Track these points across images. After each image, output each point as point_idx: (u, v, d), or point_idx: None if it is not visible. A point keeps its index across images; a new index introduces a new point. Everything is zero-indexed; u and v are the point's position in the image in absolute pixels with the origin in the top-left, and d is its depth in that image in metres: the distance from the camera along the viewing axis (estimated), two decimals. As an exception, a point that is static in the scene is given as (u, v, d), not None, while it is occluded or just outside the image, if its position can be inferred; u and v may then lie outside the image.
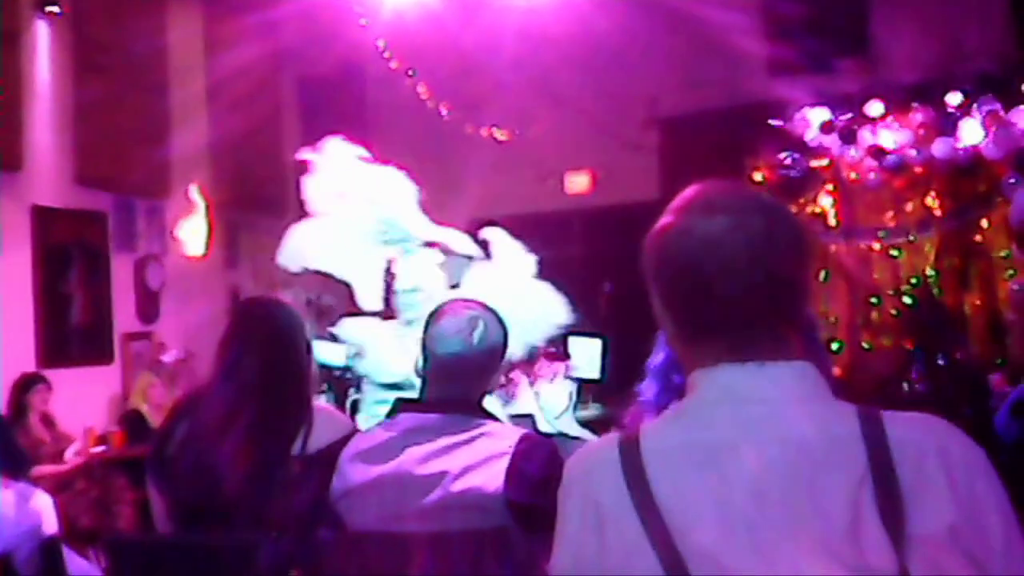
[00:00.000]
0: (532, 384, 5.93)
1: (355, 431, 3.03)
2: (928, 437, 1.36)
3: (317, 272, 5.02)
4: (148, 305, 9.06)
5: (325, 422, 3.08)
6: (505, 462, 2.52)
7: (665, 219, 1.48)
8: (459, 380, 2.68)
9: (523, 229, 5.64)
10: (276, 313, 3.27)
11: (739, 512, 1.31)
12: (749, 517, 1.30)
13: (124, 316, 8.81)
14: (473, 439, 2.58)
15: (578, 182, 11.05)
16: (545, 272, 5.17)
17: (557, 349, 6.12)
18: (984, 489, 1.33)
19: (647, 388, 2.70)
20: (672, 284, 1.47)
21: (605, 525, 1.38)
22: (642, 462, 1.38)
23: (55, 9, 8.03)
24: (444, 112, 9.75)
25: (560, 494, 1.48)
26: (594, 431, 5.82)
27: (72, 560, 4.12)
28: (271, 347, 3.15)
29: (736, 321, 1.42)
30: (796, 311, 1.46)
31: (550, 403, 5.99)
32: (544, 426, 5.73)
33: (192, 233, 9.16)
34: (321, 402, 3.42)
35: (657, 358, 2.70)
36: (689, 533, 1.31)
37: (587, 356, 5.73)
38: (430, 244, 5.00)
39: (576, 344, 5.79)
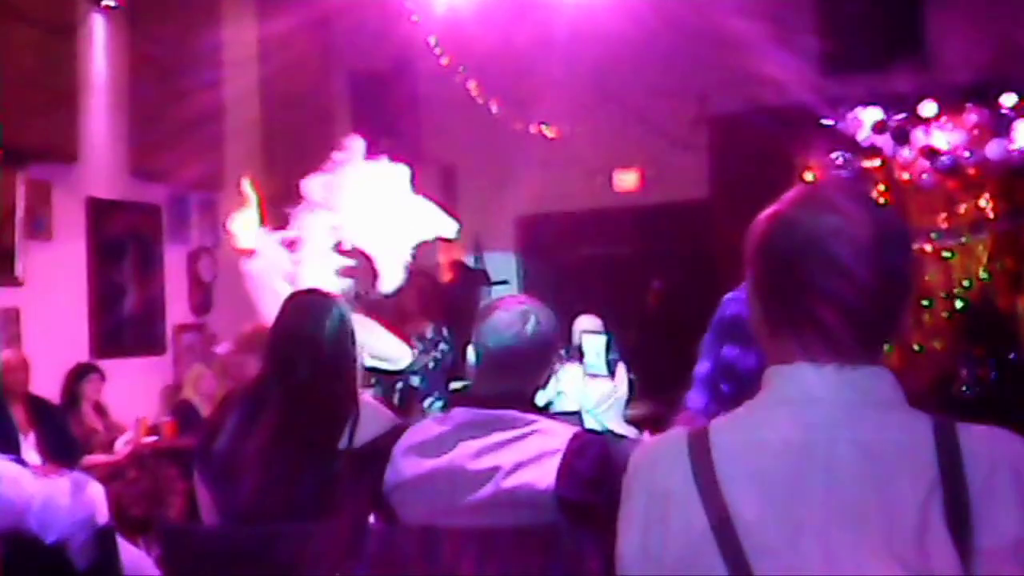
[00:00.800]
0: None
1: (399, 424, 3.06)
2: (1001, 450, 1.35)
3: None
4: (200, 297, 9.15)
5: (370, 416, 3.10)
6: (557, 459, 2.52)
7: (774, 207, 1.47)
8: (511, 374, 2.68)
9: (572, 226, 5.66)
10: (324, 308, 3.29)
11: (805, 511, 1.31)
12: (815, 516, 1.31)
13: (177, 308, 8.90)
14: (526, 435, 2.58)
15: (627, 180, 11.02)
16: (594, 268, 5.20)
17: (569, 349, 6.12)
18: None
19: (695, 399, 2.67)
20: (768, 273, 1.47)
21: (670, 514, 1.39)
22: (711, 456, 1.39)
23: (111, 3, 8.12)
24: (494, 109, 9.76)
25: (626, 483, 1.48)
26: (640, 429, 5.82)
27: (125, 549, 4.16)
28: (321, 343, 3.17)
29: (824, 321, 1.40)
30: (889, 323, 1.44)
31: (585, 398, 5.98)
32: (591, 423, 5.73)
33: (244, 226, 9.21)
34: (367, 396, 3.44)
35: (703, 367, 2.66)
36: (753, 529, 1.32)
37: (595, 353, 5.72)
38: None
39: (588, 341, 5.78)
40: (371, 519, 2.71)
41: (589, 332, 5.96)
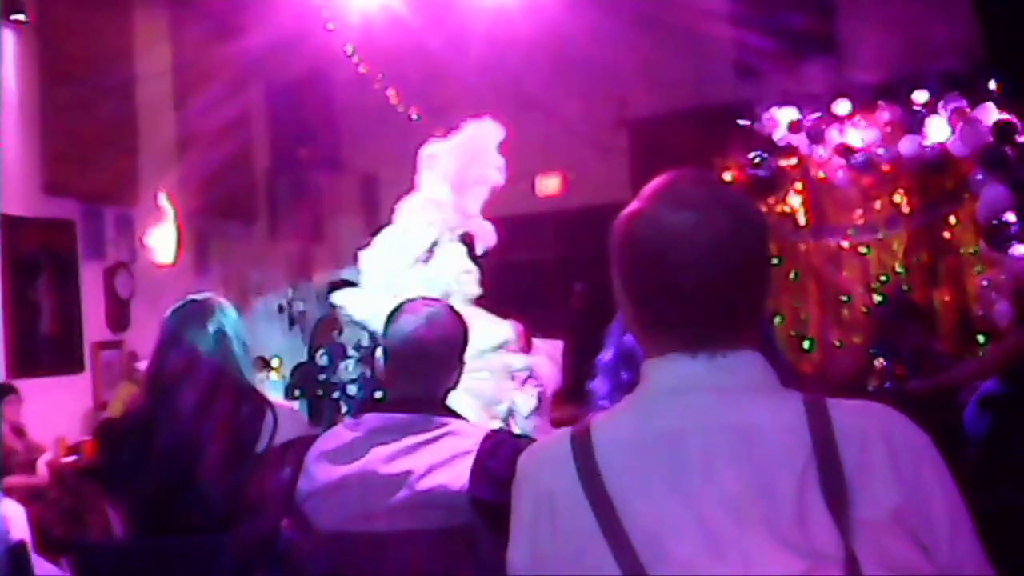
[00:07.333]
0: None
1: (310, 428, 3.03)
2: (872, 422, 1.37)
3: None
4: (118, 313, 9.01)
5: (284, 420, 3.08)
6: (470, 460, 2.52)
7: (634, 205, 1.48)
8: (420, 378, 2.67)
9: (495, 232, 5.66)
10: (201, 317, 3.27)
11: (688, 499, 1.32)
12: (698, 504, 1.31)
13: (94, 325, 8.76)
14: (438, 438, 2.58)
15: (549, 184, 11.07)
16: (517, 273, 5.20)
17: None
18: (929, 474, 1.35)
19: (599, 386, 2.70)
20: (633, 272, 1.48)
21: (558, 517, 1.39)
22: (594, 453, 1.39)
23: (21, 17, 7.98)
24: (414, 116, 9.74)
25: (514, 488, 1.48)
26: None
27: (40, 565, 4.08)
28: (200, 354, 3.15)
29: (692, 315, 1.42)
30: (753, 309, 1.47)
31: (521, 406, 5.98)
32: (516, 427, 5.71)
33: (161, 240, 9.12)
34: (278, 399, 3.41)
35: (607, 355, 2.69)
36: (639, 522, 1.32)
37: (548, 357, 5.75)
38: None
39: (539, 346, 5.81)
40: (284, 527, 2.68)
41: (542, 337, 5.98)
